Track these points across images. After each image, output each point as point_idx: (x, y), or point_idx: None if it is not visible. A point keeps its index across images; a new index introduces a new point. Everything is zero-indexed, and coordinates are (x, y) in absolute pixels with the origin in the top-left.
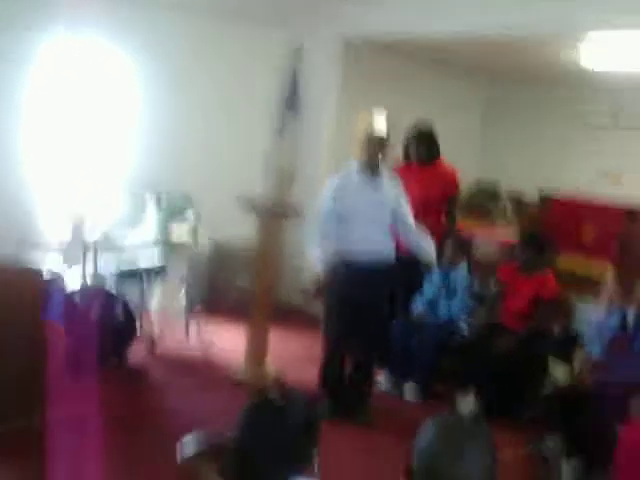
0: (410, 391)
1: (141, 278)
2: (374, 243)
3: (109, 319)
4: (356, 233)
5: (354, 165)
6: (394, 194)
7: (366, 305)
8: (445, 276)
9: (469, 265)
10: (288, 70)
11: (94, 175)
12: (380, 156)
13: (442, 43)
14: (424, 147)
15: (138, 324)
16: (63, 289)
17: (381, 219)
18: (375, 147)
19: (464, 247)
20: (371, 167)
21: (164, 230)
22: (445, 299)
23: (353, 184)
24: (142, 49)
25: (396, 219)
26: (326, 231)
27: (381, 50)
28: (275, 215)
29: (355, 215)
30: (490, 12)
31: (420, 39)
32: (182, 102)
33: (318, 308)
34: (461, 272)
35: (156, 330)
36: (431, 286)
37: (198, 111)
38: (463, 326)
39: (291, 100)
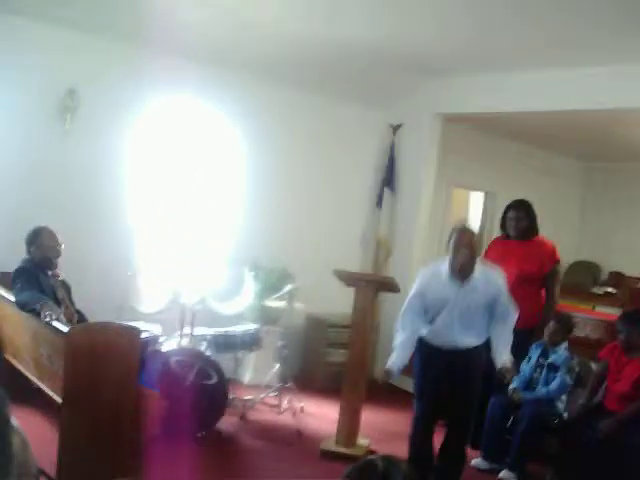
0: (506, 475)
1: (236, 348)
2: (460, 341)
3: (204, 385)
4: (442, 329)
5: (444, 265)
6: (491, 294)
7: (453, 383)
8: (545, 354)
9: (570, 344)
10: (387, 147)
11: (196, 245)
12: (471, 262)
13: (540, 121)
14: (523, 222)
15: (231, 393)
16: (160, 352)
17: (469, 321)
18: (465, 256)
19: (565, 325)
20: (461, 275)
21: (261, 304)
22: (544, 378)
23: (441, 284)
24: (248, 117)
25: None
26: (411, 320)
27: (476, 126)
28: (372, 288)
29: (440, 313)
30: (585, 89)
31: (517, 117)
32: (283, 174)
33: (409, 384)
34: (561, 350)
35: (249, 400)
36: (530, 364)
37: (298, 184)
38: (561, 406)
39: (389, 175)
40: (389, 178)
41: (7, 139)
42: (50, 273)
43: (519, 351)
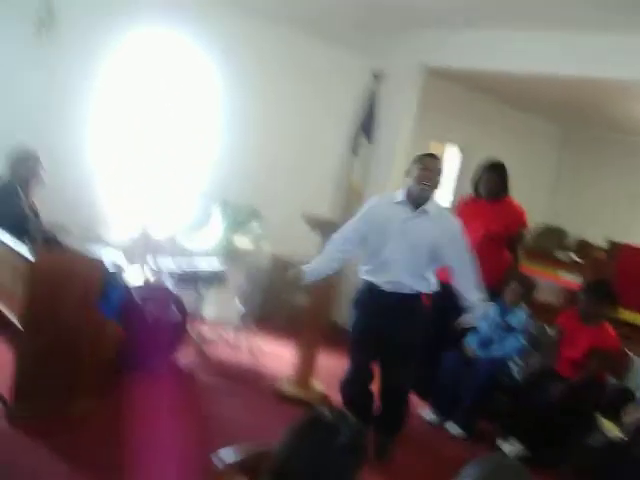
0: (454, 428)
1: (199, 283)
2: (404, 280)
3: (165, 318)
4: (381, 267)
5: (400, 193)
6: (440, 232)
7: (392, 336)
8: (503, 314)
9: (529, 307)
10: (366, 93)
11: (166, 177)
12: (430, 192)
13: (522, 80)
14: (494, 182)
15: (191, 327)
16: (123, 283)
17: (416, 259)
18: (430, 181)
19: (526, 287)
20: (417, 199)
21: (227, 239)
22: (500, 338)
23: (390, 213)
24: (225, 53)
25: (439, 259)
26: (342, 249)
27: (459, 81)
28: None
29: (382, 248)
30: (573, 53)
31: (499, 74)
32: (258, 113)
33: None
34: (520, 312)
35: (208, 335)
36: (487, 322)
37: (273, 123)
38: (514, 367)
39: (367, 123)
40: (367, 126)
41: None
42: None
43: None
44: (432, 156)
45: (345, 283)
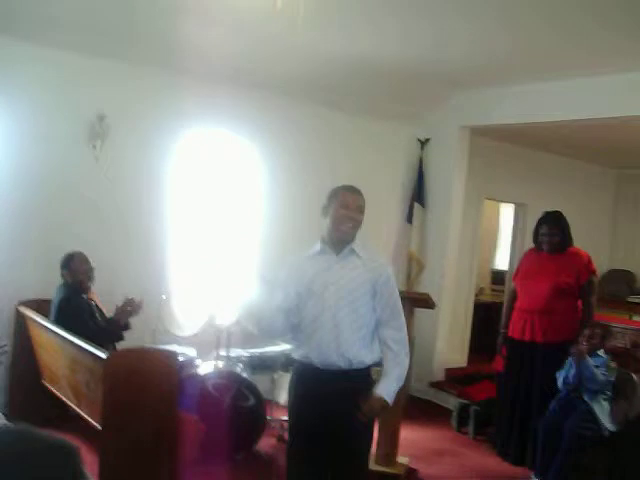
0: None
1: (272, 368)
2: (342, 347)
3: (242, 407)
4: (313, 327)
5: (316, 244)
6: (374, 276)
7: (332, 422)
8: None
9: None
10: (416, 162)
11: (228, 266)
12: (354, 232)
13: (569, 130)
14: (555, 236)
15: (268, 414)
16: (197, 375)
17: (351, 312)
18: (352, 221)
19: (601, 329)
20: (339, 245)
21: None
22: (583, 389)
23: (308, 266)
24: (277, 143)
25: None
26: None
27: (504, 138)
28: (408, 304)
29: (311, 300)
30: (615, 96)
31: (545, 127)
32: (315, 193)
33: (446, 400)
34: (600, 360)
35: (286, 420)
36: (568, 375)
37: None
38: (604, 419)
39: (419, 190)
40: (418, 193)
41: (38, 165)
42: (85, 297)
43: (556, 366)
44: (352, 190)
45: (417, 353)
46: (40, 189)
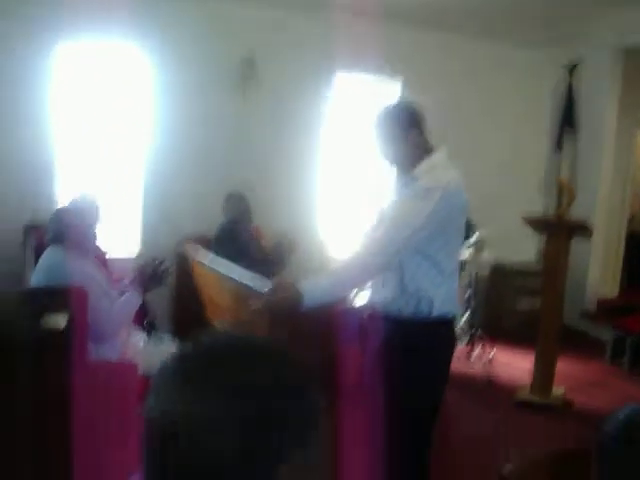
0: None
1: None
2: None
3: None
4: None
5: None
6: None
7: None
8: None
9: None
10: (564, 86)
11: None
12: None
13: None
14: None
15: None
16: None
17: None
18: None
19: None
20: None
21: None
22: None
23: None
24: (414, 69)
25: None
26: None
27: None
28: (565, 233)
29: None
30: None
31: None
32: (459, 125)
33: (600, 332)
34: None
35: None
36: None
37: (473, 135)
38: None
39: (568, 116)
40: (569, 119)
41: (188, 112)
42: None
43: None
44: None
45: (571, 285)
46: (197, 135)
